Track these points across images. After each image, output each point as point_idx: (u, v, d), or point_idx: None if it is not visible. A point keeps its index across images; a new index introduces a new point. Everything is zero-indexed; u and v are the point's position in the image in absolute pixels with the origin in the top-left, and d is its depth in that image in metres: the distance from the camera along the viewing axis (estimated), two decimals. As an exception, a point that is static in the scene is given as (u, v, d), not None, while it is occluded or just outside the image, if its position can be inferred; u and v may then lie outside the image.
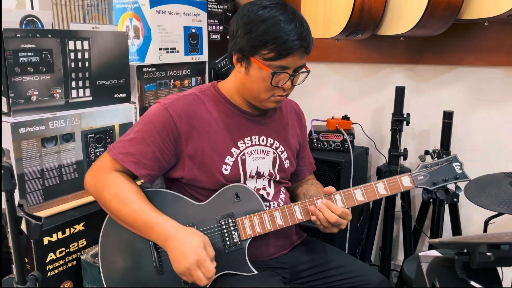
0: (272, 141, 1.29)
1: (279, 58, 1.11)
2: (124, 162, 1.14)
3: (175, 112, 1.16)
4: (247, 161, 1.23)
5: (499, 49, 1.78)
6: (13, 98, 1.27)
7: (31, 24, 1.44)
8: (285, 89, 1.17)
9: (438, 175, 1.20)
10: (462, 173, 1.20)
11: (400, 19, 1.67)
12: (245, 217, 1.18)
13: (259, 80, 1.14)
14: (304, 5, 1.91)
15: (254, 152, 1.25)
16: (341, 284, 1.26)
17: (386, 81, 2.09)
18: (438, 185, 1.19)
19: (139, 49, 1.72)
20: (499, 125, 1.86)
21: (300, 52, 1.12)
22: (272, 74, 1.12)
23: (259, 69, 1.13)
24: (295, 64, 1.14)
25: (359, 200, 1.20)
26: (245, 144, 1.24)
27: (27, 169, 1.28)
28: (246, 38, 1.12)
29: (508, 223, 1.84)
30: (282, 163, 1.31)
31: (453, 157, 1.22)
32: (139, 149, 1.14)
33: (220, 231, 1.17)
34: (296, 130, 1.38)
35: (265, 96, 1.17)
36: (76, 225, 1.34)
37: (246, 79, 1.17)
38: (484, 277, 0.82)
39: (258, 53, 1.12)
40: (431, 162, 1.22)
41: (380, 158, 2.16)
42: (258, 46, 1.11)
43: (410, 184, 1.20)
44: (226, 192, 1.20)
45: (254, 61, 1.13)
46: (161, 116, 1.16)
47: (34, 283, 0.89)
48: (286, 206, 1.20)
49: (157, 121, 1.15)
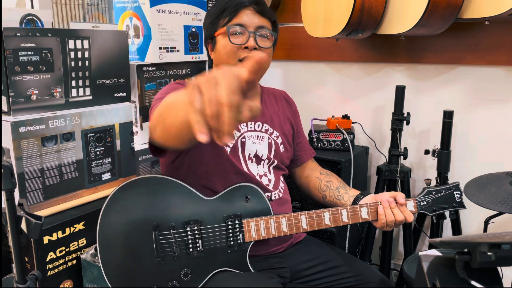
0: (267, 127, 1.33)
1: (232, 17, 1.21)
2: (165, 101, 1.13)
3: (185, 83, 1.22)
4: (246, 143, 1.28)
5: (499, 49, 1.78)
6: (13, 97, 1.27)
7: (31, 23, 1.44)
8: (249, 49, 1.21)
9: (439, 202, 1.25)
10: (460, 202, 1.26)
11: (401, 19, 1.66)
12: (252, 219, 1.18)
13: (222, 47, 1.23)
14: (304, 4, 1.91)
15: (252, 136, 1.29)
16: (341, 283, 1.26)
17: (387, 81, 2.09)
18: (437, 211, 1.25)
19: (139, 48, 1.72)
20: (499, 125, 1.86)
21: (251, 10, 1.22)
22: (227, 29, 1.21)
23: (221, 38, 1.23)
24: (251, 22, 1.22)
25: (364, 218, 1.21)
26: (242, 129, 1.28)
27: (27, 168, 1.28)
28: (207, 21, 1.27)
29: (508, 223, 1.84)
30: (278, 148, 1.34)
31: (456, 185, 1.26)
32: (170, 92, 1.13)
33: (226, 230, 1.17)
34: (288, 116, 1.43)
35: (232, 62, 1.22)
36: (76, 224, 1.34)
37: (215, 56, 1.27)
38: (485, 277, 0.82)
39: (218, 26, 1.24)
40: (435, 189, 1.25)
41: (380, 158, 2.16)
42: (216, 19, 1.24)
43: (413, 209, 1.23)
44: (236, 192, 1.20)
45: (217, 34, 1.24)
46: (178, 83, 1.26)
47: (34, 282, 0.89)
48: (293, 215, 1.20)
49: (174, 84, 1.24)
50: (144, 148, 1.66)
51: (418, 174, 2.07)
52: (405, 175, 1.84)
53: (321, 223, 1.20)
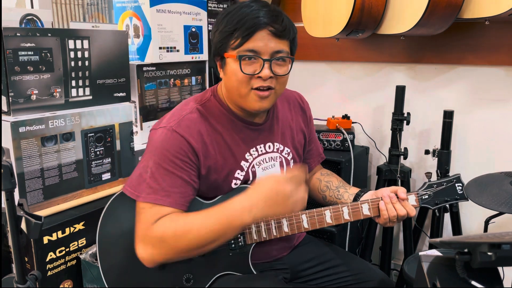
0: (278, 146, 1.26)
1: (245, 41, 1.04)
2: (158, 201, 1.04)
3: (185, 131, 1.08)
4: (257, 172, 1.21)
5: (499, 48, 1.78)
6: (13, 97, 1.26)
7: (31, 23, 1.44)
8: (264, 79, 1.07)
9: (441, 195, 1.23)
10: (462, 194, 1.24)
11: (401, 18, 1.66)
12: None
13: (233, 73, 1.08)
14: (304, 4, 1.91)
15: (263, 161, 1.23)
16: (342, 281, 1.26)
17: (387, 80, 2.09)
18: (439, 205, 1.23)
19: (139, 48, 1.72)
20: (499, 125, 1.86)
21: (267, 32, 1.04)
22: (238, 57, 1.05)
23: (231, 61, 1.07)
24: (266, 47, 1.05)
25: (365, 214, 1.20)
26: (252, 156, 1.20)
27: (27, 168, 1.28)
28: (217, 37, 1.10)
29: (509, 223, 1.84)
30: (289, 164, 1.29)
31: (457, 177, 1.25)
32: (167, 181, 1.05)
33: None
34: (301, 125, 1.34)
35: (244, 91, 1.08)
36: (76, 224, 1.34)
37: (226, 79, 1.13)
38: (485, 277, 0.82)
39: (228, 46, 1.07)
40: (436, 182, 1.24)
41: (380, 158, 2.16)
42: (226, 38, 1.07)
43: (415, 203, 1.22)
44: (235, 194, 1.18)
45: (227, 55, 1.08)
46: (173, 139, 1.07)
47: (34, 282, 0.89)
48: (294, 214, 1.19)
49: (171, 145, 1.07)
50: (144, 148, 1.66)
51: (418, 174, 2.06)
52: (405, 175, 1.84)
53: (322, 221, 1.19)
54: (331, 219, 1.19)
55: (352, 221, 1.20)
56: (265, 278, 1.16)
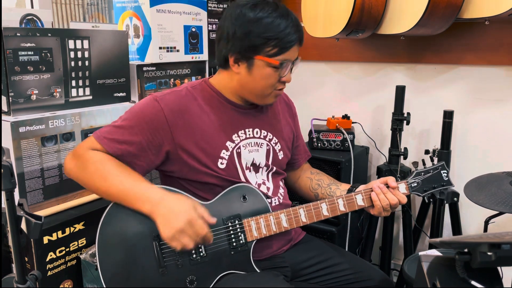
0: (265, 133, 1.30)
1: (282, 52, 1.15)
2: (109, 148, 1.14)
3: (167, 105, 1.17)
4: (242, 153, 1.25)
5: (499, 48, 1.78)
6: (13, 97, 1.26)
7: (31, 23, 1.44)
8: (285, 82, 1.21)
9: (428, 182, 1.27)
10: (448, 180, 1.29)
11: (401, 18, 1.66)
12: (252, 218, 1.18)
13: (264, 77, 1.17)
14: (304, 4, 1.91)
15: (249, 145, 1.27)
16: (342, 280, 1.27)
17: (387, 80, 2.09)
18: (428, 192, 1.27)
19: (139, 48, 1.72)
20: (499, 124, 1.86)
21: (297, 45, 1.19)
22: (280, 64, 1.16)
23: (264, 66, 1.16)
24: (294, 56, 1.19)
25: (360, 205, 1.24)
26: (239, 137, 1.25)
27: (27, 168, 1.28)
28: (246, 39, 1.14)
29: (509, 223, 1.84)
30: (276, 155, 1.32)
31: (442, 165, 1.29)
32: (126, 137, 1.14)
33: (227, 232, 1.17)
34: (288, 120, 1.41)
35: (268, 92, 1.21)
36: (76, 224, 1.34)
37: (248, 79, 1.19)
38: (485, 277, 0.82)
39: (261, 51, 1.15)
40: (423, 170, 1.28)
41: (380, 158, 2.16)
42: (261, 44, 1.14)
43: (405, 191, 1.25)
44: (233, 193, 1.20)
45: (260, 58, 1.15)
46: (152, 107, 1.17)
47: (34, 282, 0.89)
48: (292, 209, 1.21)
49: (148, 111, 1.16)
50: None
51: (418, 174, 2.06)
52: (405, 175, 1.84)
53: (319, 214, 1.22)
54: (328, 211, 1.22)
55: (348, 212, 1.24)
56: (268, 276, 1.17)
